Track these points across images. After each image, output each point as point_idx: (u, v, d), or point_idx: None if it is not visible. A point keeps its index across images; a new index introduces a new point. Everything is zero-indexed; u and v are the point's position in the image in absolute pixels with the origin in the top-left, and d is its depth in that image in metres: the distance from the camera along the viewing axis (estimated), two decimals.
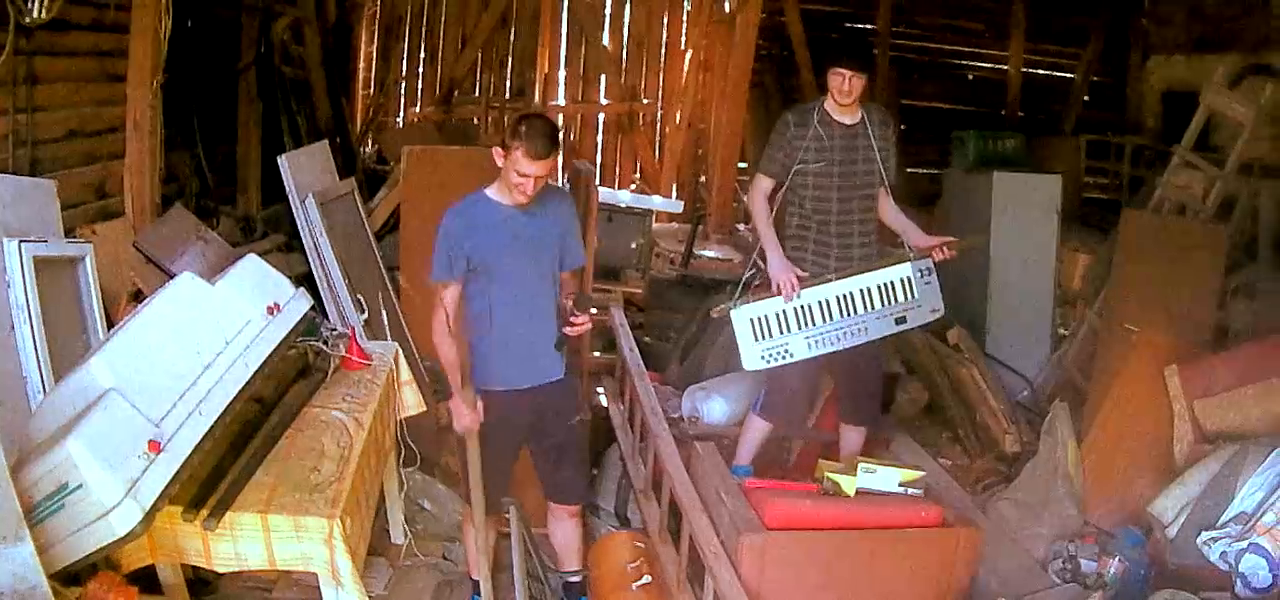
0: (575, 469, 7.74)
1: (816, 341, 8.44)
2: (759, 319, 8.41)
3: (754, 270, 8.98)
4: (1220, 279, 11.13)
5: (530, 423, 7.38)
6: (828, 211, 8.61)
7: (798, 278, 8.50)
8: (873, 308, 8.47)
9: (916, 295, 8.52)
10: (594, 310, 7.56)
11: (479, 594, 7.59)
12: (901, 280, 8.50)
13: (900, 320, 8.58)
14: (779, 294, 8.44)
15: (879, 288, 8.47)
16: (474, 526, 7.52)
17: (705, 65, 18.13)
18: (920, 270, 8.51)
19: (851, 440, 9.16)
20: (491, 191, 7.08)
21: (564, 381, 7.50)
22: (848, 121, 8.54)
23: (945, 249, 8.50)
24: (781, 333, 8.40)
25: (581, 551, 7.95)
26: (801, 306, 8.42)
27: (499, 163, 6.91)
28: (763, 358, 8.43)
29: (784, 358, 8.46)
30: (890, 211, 8.81)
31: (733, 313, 8.46)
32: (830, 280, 8.51)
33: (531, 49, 17.91)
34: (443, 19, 17.79)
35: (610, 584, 7.84)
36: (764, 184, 8.80)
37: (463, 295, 7.14)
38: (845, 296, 8.46)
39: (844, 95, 8.39)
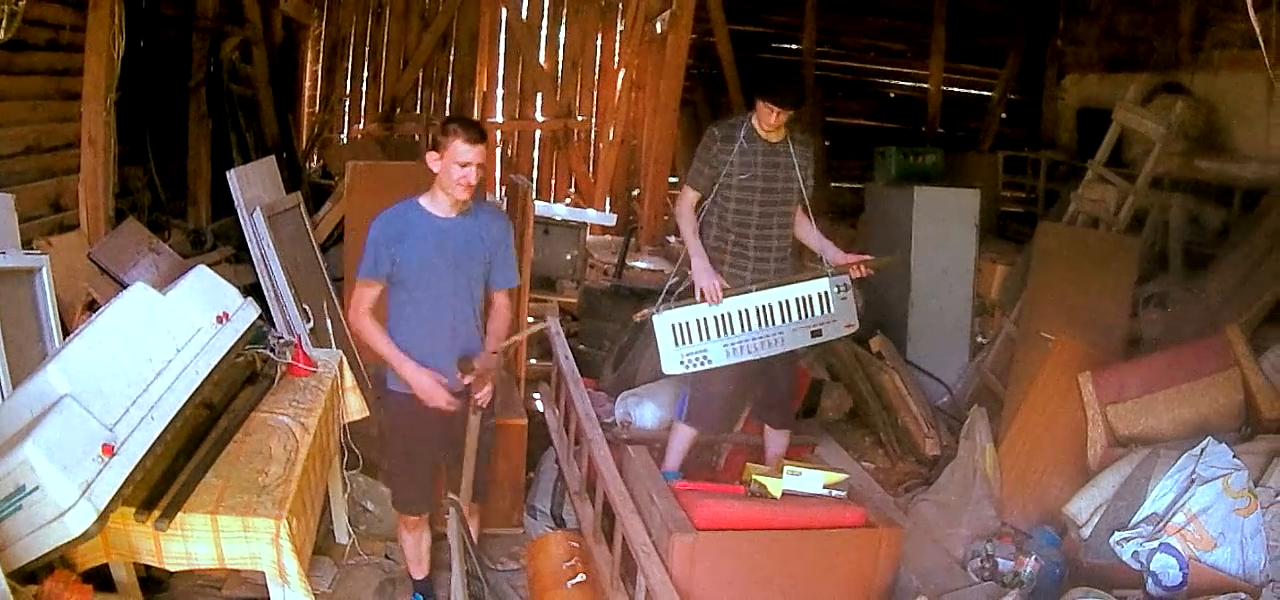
0: (477, 471, 7.69)
1: (734, 349, 8.45)
2: (680, 325, 8.42)
3: (679, 278, 8.98)
4: (1132, 289, 11.23)
5: (442, 429, 7.33)
6: (747, 225, 8.66)
7: (726, 286, 8.55)
8: (790, 319, 8.47)
9: (832, 310, 8.53)
10: (476, 370, 7.47)
11: (420, 594, 7.63)
12: (819, 294, 8.50)
13: (816, 333, 8.59)
14: (702, 300, 8.46)
15: (797, 300, 8.48)
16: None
17: (637, 84, 18.19)
18: (837, 286, 8.52)
19: (775, 444, 9.26)
20: (424, 201, 7.07)
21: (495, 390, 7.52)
22: (772, 139, 8.58)
23: (862, 267, 8.55)
24: (701, 339, 8.40)
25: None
26: (722, 314, 8.43)
27: (434, 168, 6.91)
28: (681, 363, 8.45)
29: (703, 363, 8.47)
30: (809, 230, 8.84)
31: (655, 318, 8.47)
32: (751, 290, 8.53)
33: (470, 68, 17.93)
34: (385, 39, 17.81)
35: (546, 582, 7.86)
36: (690, 196, 8.85)
37: (387, 297, 7.14)
38: (764, 307, 8.47)
39: (771, 125, 8.48)
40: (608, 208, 18.19)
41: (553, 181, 18.92)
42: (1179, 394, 8.66)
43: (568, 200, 18.50)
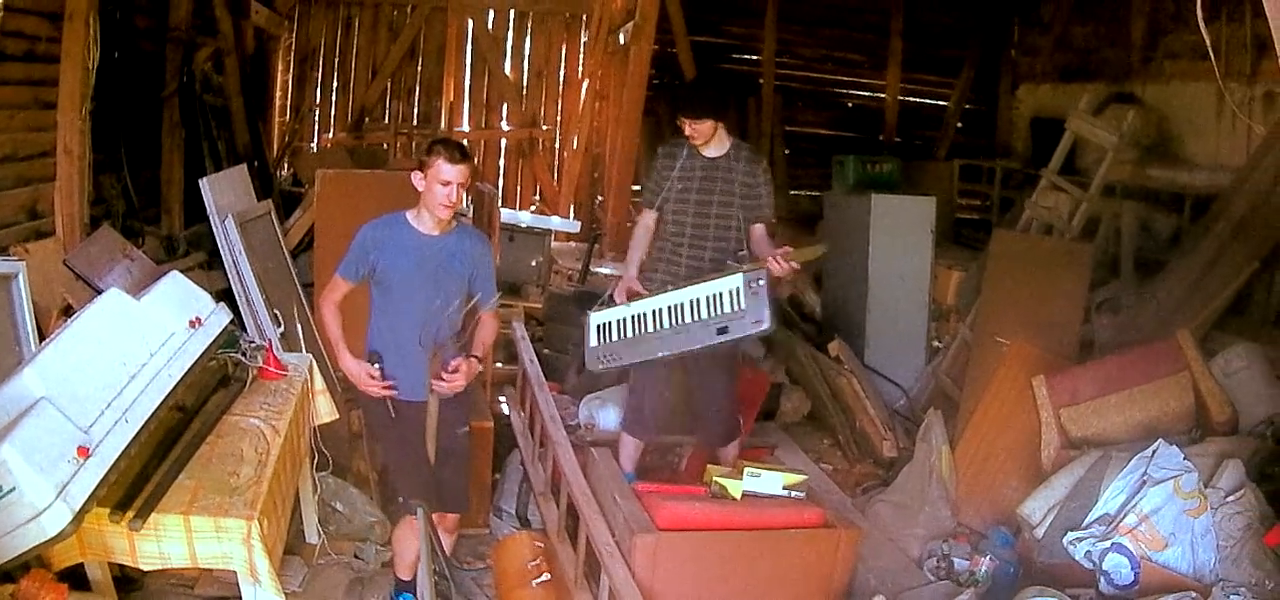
0: (457, 477, 7.74)
1: (642, 348, 8.49)
2: (603, 325, 8.58)
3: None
4: (1085, 294, 11.28)
5: (420, 432, 7.39)
6: (681, 235, 8.78)
7: (638, 290, 8.72)
8: (699, 317, 8.35)
9: (743, 306, 8.23)
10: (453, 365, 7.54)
11: (409, 594, 7.65)
12: (730, 291, 8.29)
13: (722, 330, 8.32)
14: (617, 303, 8.65)
15: (708, 298, 8.35)
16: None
17: (601, 94, 18.23)
18: (751, 282, 8.24)
19: (726, 453, 9.28)
20: (410, 216, 7.18)
21: (466, 394, 7.57)
22: (711, 154, 8.69)
23: (781, 260, 8.31)
24: (617, 338, 8.53)
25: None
26: (636, 315, 8.53)
27: (419, 187, 7.04)
28: (599, 359, 8.61)
29: (614, 361, 8.61)
30: (760, 243, 8.75)
31: (588, 317, 8.67)
32: (666, 290, 8.60)
33: (437, 79, 18.02)
34: (354, 50, 17.84)
35: (512, 581, 7.91)
36: (644, 214, 9.07)
37: (369, 304, 7.24)
38: (675, 306, 8.45)
39: (696, 136, 8.57)
40: (572, 215, 18.24)
41: (518, 189, 18.97)
42: (1131, 397, 8.69)
43: (533, 207, 18.53)
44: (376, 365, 7.17)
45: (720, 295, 8.25)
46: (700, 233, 8.74)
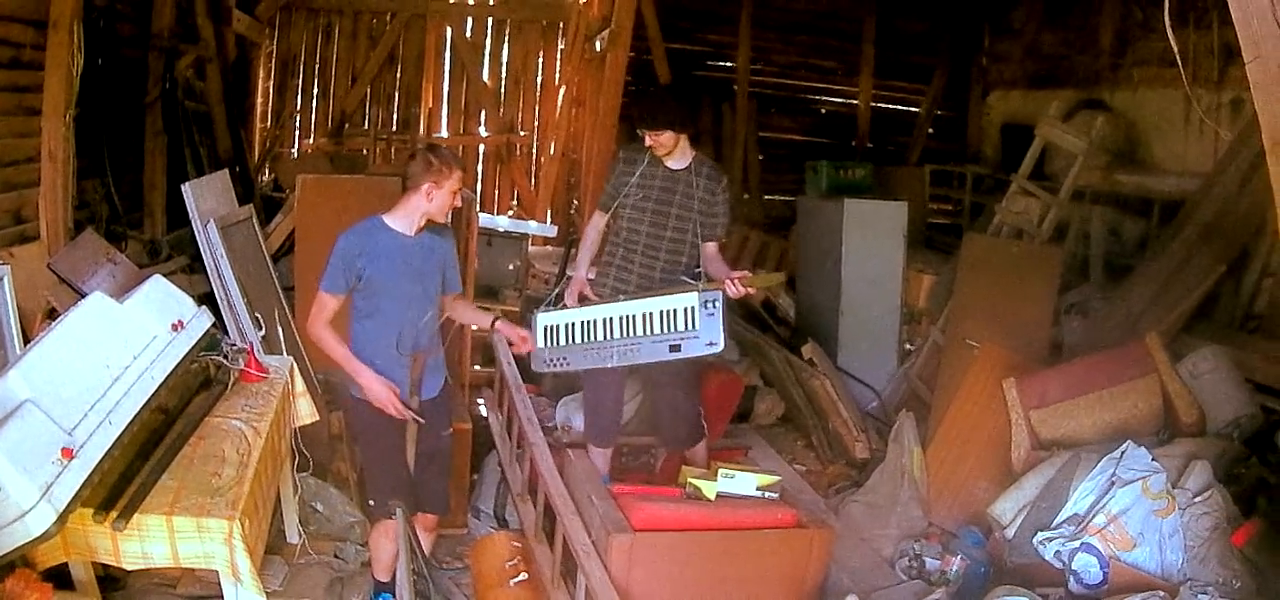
0: (439, 479, 7.84)
1: (591, 356, 8.43)
2: (550, 327, 8.50)
3: (561, 288, 9.19)
4: (1054, 298, 11.35)
5: (401, 435, 7.45)
6: (635, 242, 8.75)
7: (588, 295, 8.81)
8: (651, 332, 8.26)
9: (697, 326, 8.12)
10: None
11: (388, 594, 7.66)
12: (685, 309, 8.17)
13: (674, 348, 8.22)
14: (568, 305, 8.67)
15: (661, 313, 8.24)
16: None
17: (578, 100, 18.19)
18: (706, 302, 8.14)
19: (695, 454, 9.32)
20: (389, 219, 7.21)
21: (439, 398, 7.65)
22: (673, 166, 8.66)
23: (737, 284, 8.21)
24: (566, 342, 8.46)
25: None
26: (586, 321, 8.45)
27: (430, 196, 7.16)
28: (547, 362, 8.55)
29: (563, 365, 8.56)
30: (712, 261, 8.76)
31: (536, 317, 8.62)
32: (620, 299, 8.56)
33: (416, 85, 17.93)
34: (334, 57, 17.75)
35: (490, 581, 7.92)
36: (594, 216, 9.10)
37: (350, 310, 7.26)
38: (627, 317, 8.36)
39: (657, 148, 8.56)
40: (549, 219, 18.17)
41: (496, 194, 18.90)
42: (1100, 399, 8.72)
43: (510, 212, 18.44)
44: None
45: (675, 312, 8.18)
46: (654, 244, 8.73)
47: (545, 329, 8.53)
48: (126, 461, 6.05)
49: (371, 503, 7.66)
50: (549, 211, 18.23)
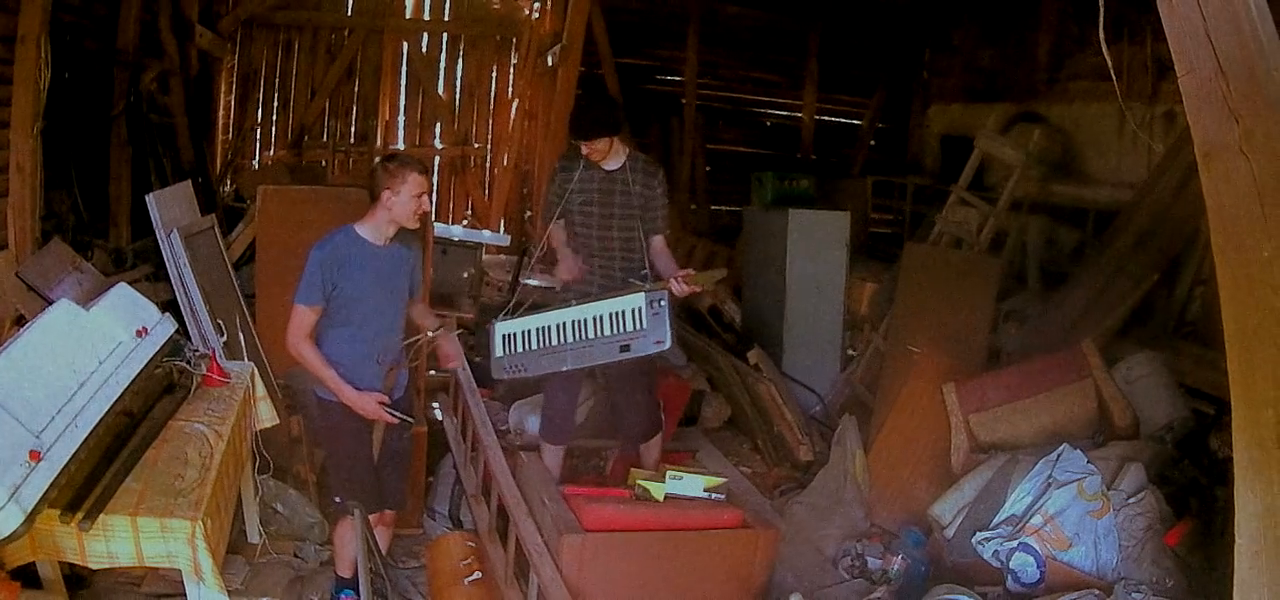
0: (399, 477, 7.85)
1: (548, 360, 8.40)
2: (508, 335, 8.46)
3: (518, 300, 9.09)
4: (993, 305, 11.38)
5: (367, 439, 7.47)
6: (589, 245, 8.78)
7: (578, 277, 8.79)
8: (603, 334, 8.25)
9: (644, 325, 8.14)
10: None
11: (350, 591, 7.66)
12: (633, 310, 8.17)
13: (624, 347, 8.23)
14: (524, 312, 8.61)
15: (611, 315, 8.23)
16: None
17: (530, 113, 18.25)
18: (652, 301, 8.15)
19: (650, 454, 9.32)
20: (361, 229, 7.18)
21: (403, 397, 7.64)
22: (609, 167, 8.67)
23: (681, 282, 8.26)
24: (523, 349, 8.42)
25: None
26: (541, 327, 8.42)
27: (389, 204, 7.08)
28: (505, 368, 8.50)
29: (521, 370, 8.50)
30: (660, 256, 8.76)
31: (494, 326, 8.59)
32: (571, 304, 8.49)
33: (374, 98, 17.94)
34: (294, 71, 17.71)
35: (444, 580, 7.91)
36: (555, 230, 9.02)
37: (324, 316, 7.20)
38: (579, 321, 8.34)
39: (593, 154, 8.57)
40: (502, 229, 18.25)
41: (451, 204, 18.91)
42: (1037, 403, 8.77)
43: (465, 222, 18.49)
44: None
45: (623, 313, 8.17)
46: (606, 246, 8.76)
47: (503, 337, 8.49)
48: (92, 464, 6.03)
49: (337, 501, 7.63)
50: (502, 221, 18.32)
